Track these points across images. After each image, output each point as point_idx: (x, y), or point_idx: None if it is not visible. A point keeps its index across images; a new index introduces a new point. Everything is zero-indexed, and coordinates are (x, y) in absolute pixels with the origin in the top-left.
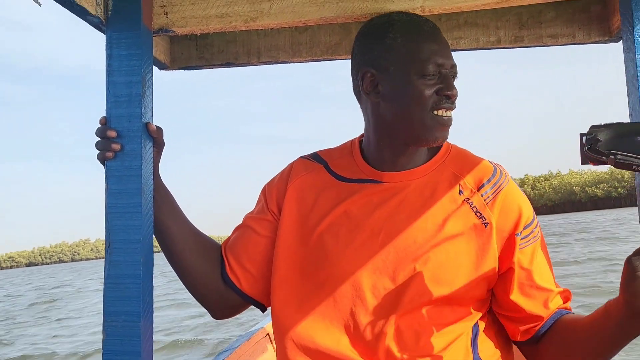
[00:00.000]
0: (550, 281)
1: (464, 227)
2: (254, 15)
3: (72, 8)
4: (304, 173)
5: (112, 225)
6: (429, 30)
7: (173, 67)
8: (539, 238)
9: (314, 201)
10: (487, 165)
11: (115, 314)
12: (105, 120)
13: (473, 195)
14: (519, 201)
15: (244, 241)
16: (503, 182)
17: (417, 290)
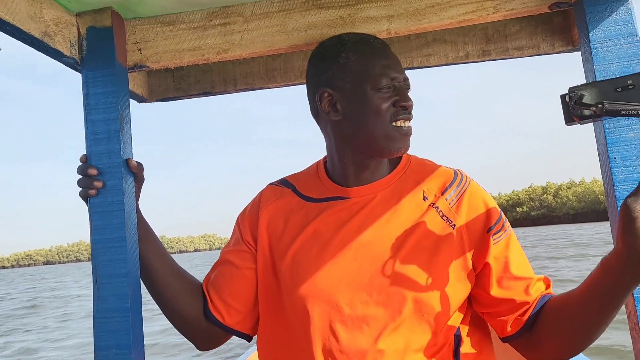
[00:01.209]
0: (528, 270)
1: (432, 231)
2: (226, 47)
3: (47, 51)
4: (274, 199)
5: (98, 261)
6: (379, 47)
7: (151, 99)
8: (510, 231)
9: (285, 225)
10: (446, 171)
11: (106, 348)
12: (86, 158)
13: (437, 199)
14: (484, 198)
15: (224, 277)
16: (465, 184)
17: (395, 300)
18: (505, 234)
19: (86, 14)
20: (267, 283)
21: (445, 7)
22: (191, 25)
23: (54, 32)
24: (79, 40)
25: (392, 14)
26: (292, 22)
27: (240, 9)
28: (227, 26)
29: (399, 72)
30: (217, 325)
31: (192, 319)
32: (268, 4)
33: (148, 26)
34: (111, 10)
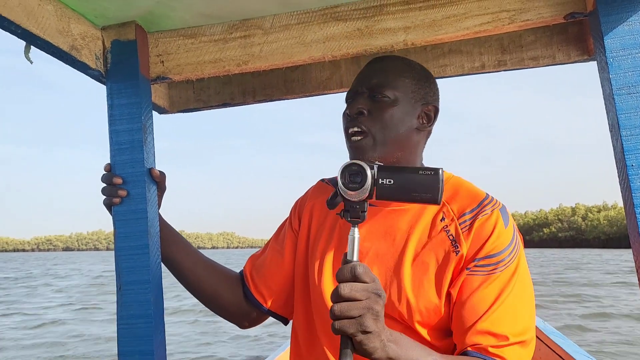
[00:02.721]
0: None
1: (438, 254)
2: (246, 59)
3: (74, 64)
4: (318, 195)
5: (121, 268)
6: (364, 66)
7: (172, 110)
8: (500, 277)
9: (322, 222)
10: (476, 195)
11: (130, 354)
12: (110, 167)
13: (452, 222)
14: (496, 230)
15: (267, 261)
16: (485, 211)
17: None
18: (488, 273)
19: (111, 28)
20: (300, 272)
21: (462, 18)
22: (212, 37)
23: (80, 45)
24: (104, 53)
25: (409, 25)
26: (311, 34)
27: (260, 22)
28: (247, 39)
29: (359, 83)
30: (258, 308)
31: (232, 305)
32: (287, 16)
33: (170, 39)
34: (135, 24)
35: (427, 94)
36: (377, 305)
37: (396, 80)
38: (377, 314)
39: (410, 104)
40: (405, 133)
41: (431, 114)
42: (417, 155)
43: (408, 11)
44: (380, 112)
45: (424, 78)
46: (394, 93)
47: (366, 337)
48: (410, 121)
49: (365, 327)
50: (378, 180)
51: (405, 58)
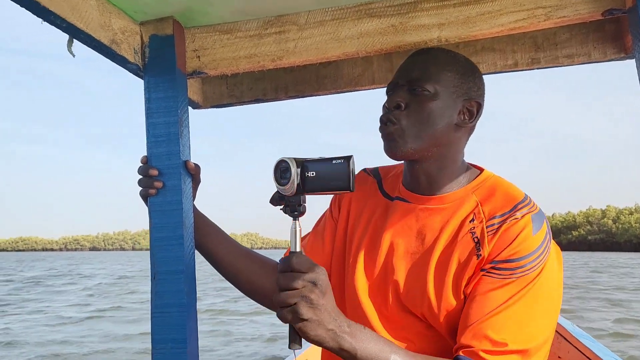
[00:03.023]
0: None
1: (461, 255)
2: (281, 54)
3: (114, 58)
4: (359, 186)
5: (156, 258)
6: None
7: (205, 105)
8: (515, 283)
9: (360, 213)
10: (510, 200)
11: (163, 342)
12: (147, 159)
13: (480, 224)
14: (518, 236)
15: (308, 248)
16: (514, 217)
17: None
18: (505, 278)
19: (149, 23)
20: (337, 261)
21: (496, 15)
22: (248, 33)
23: (120, 40)
24: (142, 48)
25: (443, 22)
26: (345, 30)
27: (295, 18)
28: (282, 34)
29: (399, 76)
30: None
31: (270, 292)
32: (322, 13)
33: (207, 34)
34: (172, 20)
35: (470, 89)
36: (312, 293)
37: (438, 73)
38: (312, 301)
39: (452, 99)
40: (443, 129)
41: (473, 109)
42: (457, 151)
43: (442, 8)
44: (418, 106)
45: (468, 72)
46: (435, 87)
47: (304, 325)
48: (450, 117)
49: (300, 314)
50: (304, 174)
51: (450, 50)
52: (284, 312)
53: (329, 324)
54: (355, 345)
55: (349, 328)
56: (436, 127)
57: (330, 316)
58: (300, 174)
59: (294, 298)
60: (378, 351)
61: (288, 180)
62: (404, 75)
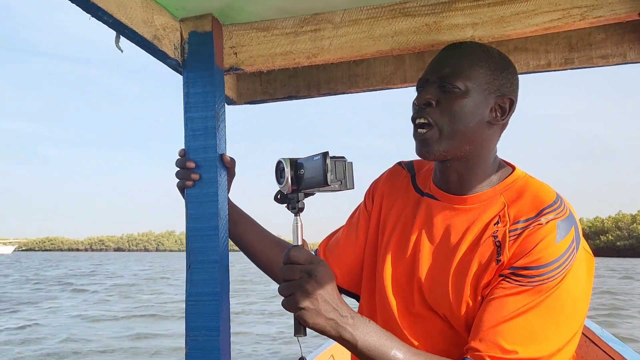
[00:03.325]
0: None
1: (482, 259)
2: (315, 52)
3: (155, 53)
4: (393, 179)
5: (192, 247)
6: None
7: (240, 102)
8: (532, 291)
9: (392, 207)
10: (539, 204)
11: (196, 329)
12: (184, 152)
13: (503, 228)
14: (540, 243)
15: (343, 239)
16: (538, 222)
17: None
18: (523, 285)
19: (189, 20)
20: (369, 253)
21: (531, 14)
22: (284, 31)
23: (161, 35)
24: (182, 44)
25: (477, 21)
26: (379, 28)
27: (330, 16)
28: (318, 32)
29: (430, 72)
30: None
31: None
32: (357, 11)
33: (244, 32)
34: (211, 17)
35: (503, 85)
36: (307, 284)
37: (470, 69)
38: (307, 291)
39: (483, 95)
40: (474, 126)
41: (506, 106)
42: (489, 149)
43: (477, 7)
44: (449, 103)
45: (501, 67)
46: (466, 84)
47: (302, 314)
48: (482, 114)
49: (297, 303)
50: (297, 172)
51: (483, 45)
52: (284, 302)
53: (328, 313)
54: (356, 336)
55: (352, 319)
56: (467, 125)
57: (329, 305)
58: (293, 172)
59: (292, 288)
60: (379, 345)
61: (285, 179)
62: (434, 71)
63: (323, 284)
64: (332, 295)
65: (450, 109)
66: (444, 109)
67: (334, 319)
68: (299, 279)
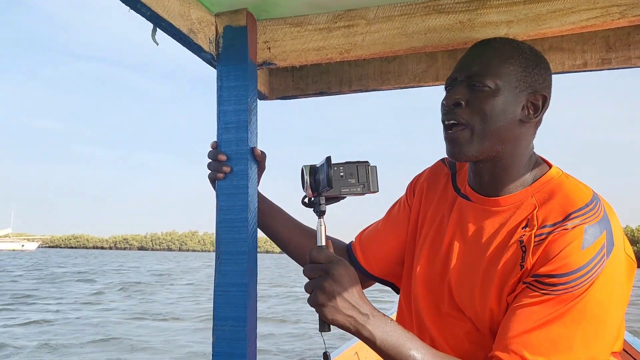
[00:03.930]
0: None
1: (507, 263)
2: (348, 47)
3: (190, 46)
4: (433, 176)
5: (222, 238)
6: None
7: (272, 97)
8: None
9: (428, 207)
10: (569, 206)
11: (224, 319)
12: (216, 144)
13: (530, 232)
14: (564, 250)
15: (381, 229)
16: (564, 227)
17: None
18: (547, 293)
19: (224, 14)
20: (409, 246)
21: (568, 12)
22: (317, 26)
23: (197, 29)
24: (217, 38)
25: (512, 19)
26: (413, 25)
27: (364, 12)
28: (351, 28)
29: (458, 70)
30: (365, 275)
31: None
32: (390, 8)
33: (278, 27)
34: (246, 11)
35: (535, 82)
36: (325, 282)
37: (500, 67)
38: (324, 289)
39: (514, 93)
40: (506, 125)
41: (539, 103)
42: (523, 148)
43: (512, 4)
44: (479, 103)
45: (532, 64)
46: (496, 82)
47: (322, 310)
48: (514, 112)
49: (316, 300)
50: (315, 178)
51: (513, 40)
52: (308, 298)
53: (346, 310)
54: (375, 334)
55: (372, 318)
56: (499, 125)
57: (346, 303)
58: (311, 179)
59: (311, 287)
60: (398, 345)
61: (305, 186)
62: (463, 70)
63: (341, 282)
64: (351, 292)
65: (480, 109)
66: (474, 109)
67: (352, 316)
68: (319, 277)
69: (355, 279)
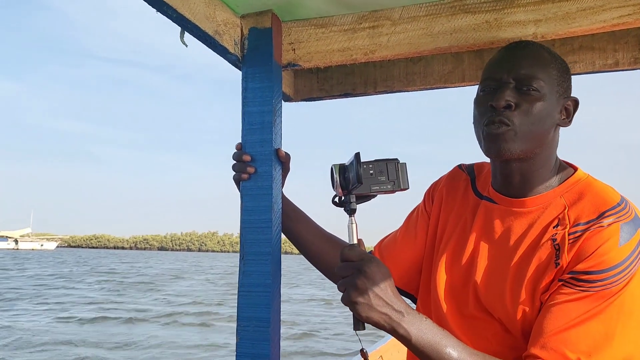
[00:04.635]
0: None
1: (540, 263)
2: (373, 48)
3: (215, 48)
4: (452, 182)
5: (246, 239)
6: (502, 50)
7: (296, 98)
8: (594, 297)
9: (448, 213)
10: (600, 205)
11: (247, 319)
12: (241, 145)
13: (563, 231)
14: (601, 246)
15: (400, 239)
16: (600, 225)
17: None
18: (584, 289)
19: (249, 16)
20: (428, 252)
21: (598, 10)
22: (342, 27)
23: (223, 31)
24: (242, 40)
25: (540, 18)
26: (438, 25)
27: (389, 13)
28: (376, 29)
29: (503, 71)
30: None
31: None
32: (416, 8)
33: (302, 28)
34: (271, 13)
35: (568, 87)
36: (358, 279)
37: (544, 71)
38: (357, 286)
39: (555, 97)
40: (548, 129)
41: (571, 108)
42: (553, 150)
43: (540, 3)
44: (529, 106)
45: (565, 69)
46: (542, 86)
47: (356, 308)
48: (554, 116)
49: (350, 298)
50: (344, 176)
51: (544, 46)
52: (342, 296)
53: (380, 307)
54: (410, 332)
55: (407, 315)
56: (544, 128)
57: (380, 300)
58: (341, 177)
59: (344, 285)
60: (434, 343)
61: (335, 184)
62: (510, 72)
63: (374, 279)
64: (385, 290)
65: (530, 112)
66: (524, 112)
67: (387, 314)
68: (351, 275)
69: (389, 276)
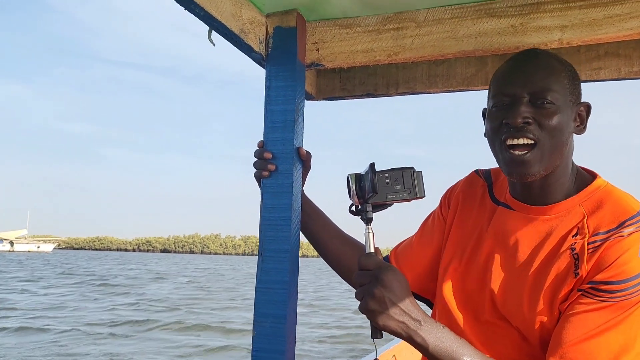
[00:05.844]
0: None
1: (559, 272)
2: (397, 50)
3: (241, 46)
4: (470, 187)
5: (265, 236)
6: (511, 62)
7: (319, 97)
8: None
9: (468, 216)
10: (620, 215)
11: (264, 316)
12: (263, 143)
13: (582, 240)
14: (622, 256)
15: (415, 244)
16: (620, 234)
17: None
18: (603, 300)
19: (275, 15)
20: (444, 263)
21: (625, 18)
22: (366, 28)
23: (248, 29)
24: (266, 38)
25: (566, 24)
26: (463, 28)
27: (414, 15)
28: (400, 30)
29: (516, 86)
30: None
31: None
32: (441, 11)
33: (327, 28)
34: (296, 12)
35: (579, 93)
36: (375, 288)
37: (557, 81)
38: (374, 295)
39: (569, 107)
40: (566, 140)
41: (584, 113)
42: (570, 158)
43: (567, 9)
44: (547, 121)
45: (575, 75)
46: (557, 97)
47: (373, 316)
48: (570, 126)
49: (367, 306)
50: (360, 185)
51: (553, 53)
52: (359, 304)
53: (397, 315)
54: (428, 340)
55: (424, 324)
56: (563, 140)
57: (397, 308)
58: (357, 187)
59: (361, 293)
60: (451, 351)
61: (352, 194)
62: (523, 87)
63: (391, 287)
64: (402, 298)
65: (549, 126)
66: (543, 127)
67: (404, 322)
68: (368, 283)
69: (406, 284)
